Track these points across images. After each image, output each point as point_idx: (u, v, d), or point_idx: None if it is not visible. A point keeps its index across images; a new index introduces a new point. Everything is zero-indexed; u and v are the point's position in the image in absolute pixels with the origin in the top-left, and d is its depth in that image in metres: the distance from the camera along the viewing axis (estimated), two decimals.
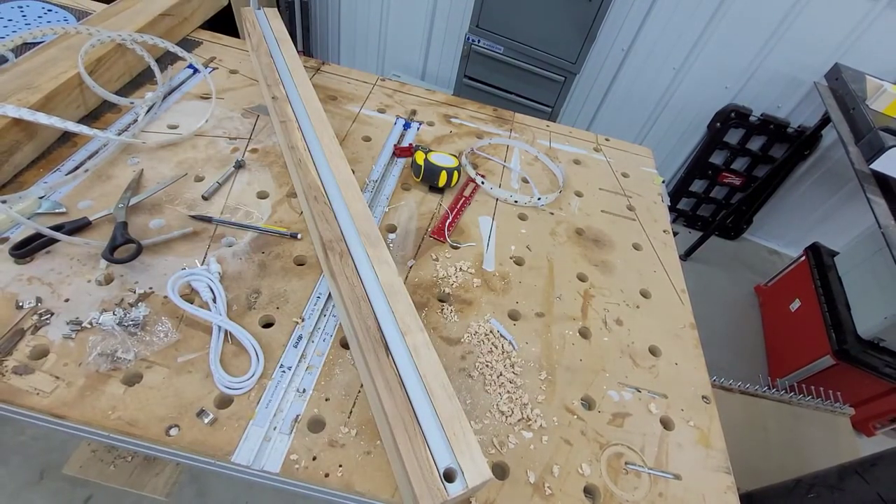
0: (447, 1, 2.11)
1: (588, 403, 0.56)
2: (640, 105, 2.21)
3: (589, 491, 0.49)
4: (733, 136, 2.15)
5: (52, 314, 0.49)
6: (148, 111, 0.72)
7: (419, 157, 0.74)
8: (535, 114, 1.58)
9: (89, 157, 0.65)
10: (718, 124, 2.10)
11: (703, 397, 0.60)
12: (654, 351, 0.63)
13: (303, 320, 0.55)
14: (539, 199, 0.78)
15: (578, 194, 0.83)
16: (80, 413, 0.44)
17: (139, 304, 0.52)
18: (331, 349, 0.53)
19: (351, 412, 0.49)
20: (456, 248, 0.68)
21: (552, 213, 0.78)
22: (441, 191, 0.76)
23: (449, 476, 0.41)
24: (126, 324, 0.50)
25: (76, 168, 0.63)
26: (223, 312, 0.53)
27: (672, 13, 1.90)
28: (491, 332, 0.59)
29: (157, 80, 0.76)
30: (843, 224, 2.26)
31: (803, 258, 1.94)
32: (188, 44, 0.90)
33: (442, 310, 0.60)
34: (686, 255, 2.28)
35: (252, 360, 0.50)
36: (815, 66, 1.86)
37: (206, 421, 0.45)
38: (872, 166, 1.33)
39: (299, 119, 0.71)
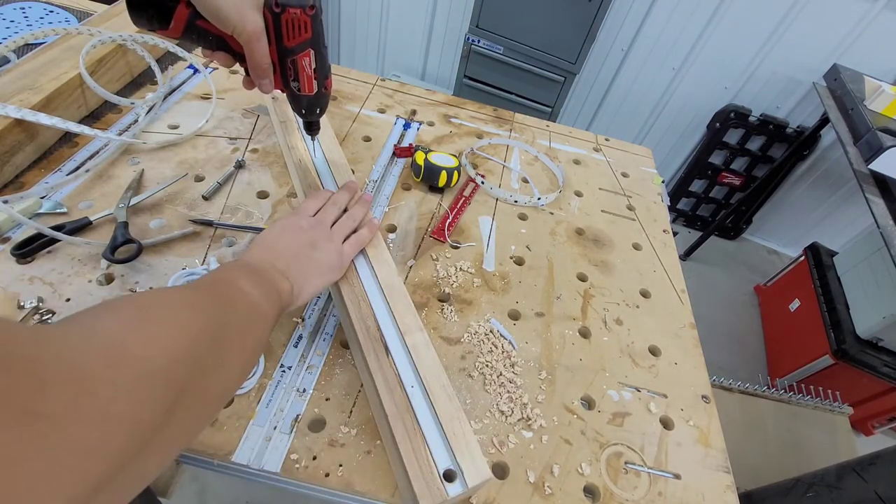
0: (447, 1, 2.11)
1: (588, 403, 0.56)
2: (640, 105, 2.21)
3: (589, 490, 0.49)
4: (733, 137, 2.15)
5: (54, 314, 0.50)
6: (149, 111, 0.73)
7: (419, 157, 0.74)
8: (535, 114, 1.58)
9: (90, 158, 0.65)
10: (718, 124, 2.10)
11: (703, 397, 0.60)
12: (653, 351, 0.63)
13: (303, 320, 0.55)
14: (539, 199, 0.78)
15: (578, 194, 0.83)
16: None
17: None
18: (331, 349, 0.54)
19: (351, 412, 0.49)
20: (456, 248, 0.68)
21: (552, 213, 0.78)
22: (441, 191, 0.76)
23: (449, 476, 0.41)
24: None
25: (77, 168, 0.63)
26: None
27: (671, 14, 1.91)
28: (491, 331, 0.59)
29: (158, 80, 0.76)
30: (842, 224, 2.27)
31: (802, 258, 1.95)
32: None
33: (442, 310, 0.60)
34: (686, 255, 2.28)
35: None
36: (814, 66, 1.86)
37: None
38: (871, 166, 1.33)
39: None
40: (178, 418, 0.26)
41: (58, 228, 0.53)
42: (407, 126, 0.87)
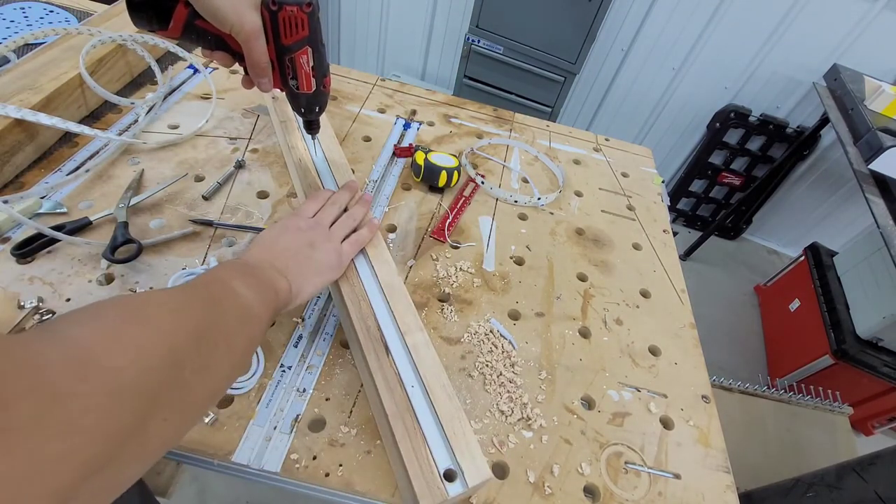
0: (447, 1, 2.11)
1: (588, 403, 0.56)
2: (640, 105, 2.21)
3: (589, 490, 0.49)
4: (733, 136, 2.15)
5: (54, 314, 0.50)
6: (149, 111, 0.73)
7: (419, 157, 0.74)
8: (535, 114, 1.58)
9: (90, 158, 0.66)
10: (718, 124, 2.10)
11: (703, 397, 0.60)
12: (653, 350, 0.63)
13: (303, 320, 0.55)
14: (539, 199, 0.78)
15: (578, 194, 0.83)
16: None
17: None
18: (331, 349, 0.54)
19: (351, 412, 0.49)
20: (456, 248, 0.68)
21: (552, 213, 0.78)
22: (441, 191, 0.76)
23: (449, 475, 0.41)
24: None
25: (77, 168, 0.63)
26: None
27: (671, 13, 1.91)
28: (491, 331, 0.59)
29: (158, 80, 0.76)
30: (842, 224, 2.27)
31: (802, 258, 1.95)
32: None
33: (442, 310, 0.60)
34: (686, 255, 2.28)
35: (253, 359, 0.50)
36: (814, 66, 1.86)
37: (207, 420, 0.45)
38: (871, 166, 1.33)
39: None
40: (156, 424, 0.26)
41: (58, 228, 0.53)
42: (407, 126, 0.87)
